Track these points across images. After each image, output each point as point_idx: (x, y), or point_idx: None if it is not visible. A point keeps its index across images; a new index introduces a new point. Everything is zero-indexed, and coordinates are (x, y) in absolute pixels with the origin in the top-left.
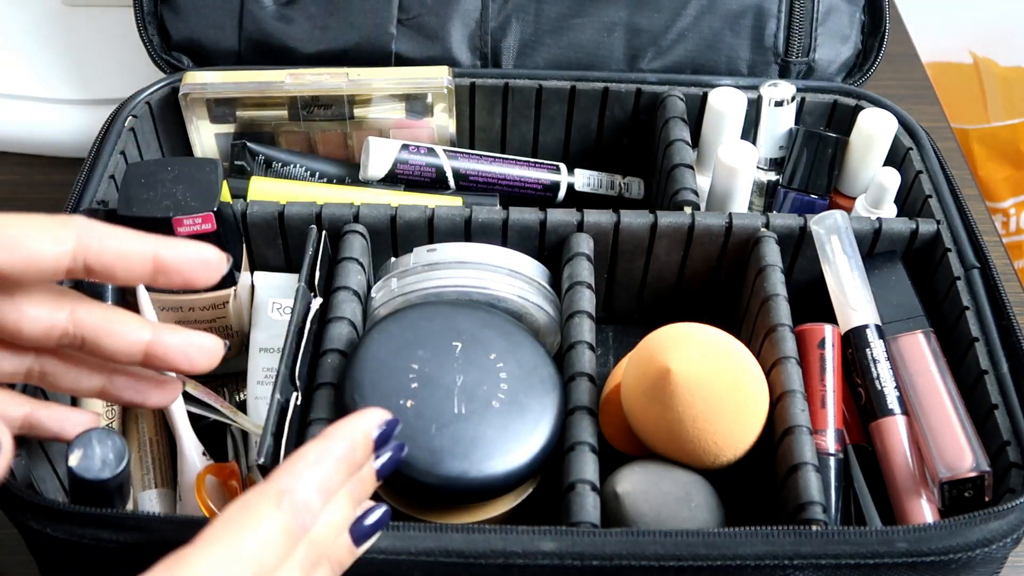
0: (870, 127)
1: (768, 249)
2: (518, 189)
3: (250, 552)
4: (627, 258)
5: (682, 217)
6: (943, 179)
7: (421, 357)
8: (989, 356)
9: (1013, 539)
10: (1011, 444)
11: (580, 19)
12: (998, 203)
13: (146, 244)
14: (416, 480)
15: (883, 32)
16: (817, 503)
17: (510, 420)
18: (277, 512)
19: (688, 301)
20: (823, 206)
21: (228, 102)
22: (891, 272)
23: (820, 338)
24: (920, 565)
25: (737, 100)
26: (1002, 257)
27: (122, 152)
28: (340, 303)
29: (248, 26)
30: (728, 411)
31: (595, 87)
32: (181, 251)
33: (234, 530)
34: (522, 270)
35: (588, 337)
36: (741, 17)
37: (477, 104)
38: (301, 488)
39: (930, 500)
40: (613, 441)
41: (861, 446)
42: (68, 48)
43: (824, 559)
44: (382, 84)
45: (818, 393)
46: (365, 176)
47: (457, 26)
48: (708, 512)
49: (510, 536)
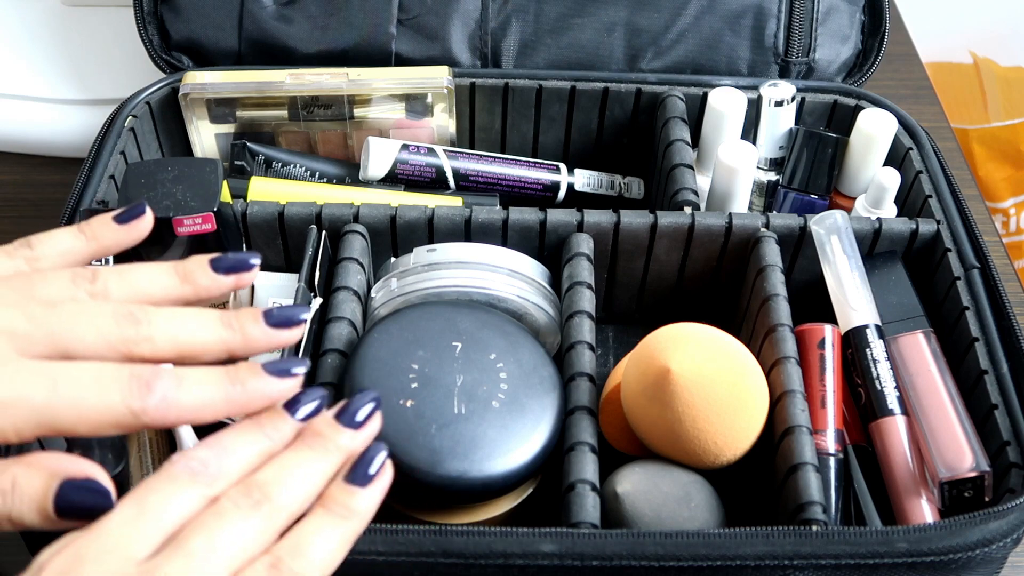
0: (870, 127)
1: (768, 249)
2: (518, 189)
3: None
4: (627, 258)
5: (682, 217)
6: (943, 179)
7: (421, 357)
8: (989, 356)
9: (1013, 539)
10: (1011, 444)
11: (580, 19)
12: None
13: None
14: (416, 480)
15: (883, 32)
16: (817, 503)
17: (510, 420)
18: (174, 468)
19: (688, 301)
20: (823, 206)
21: (228, 102)
22: (891, 272)
23: (820, 338)
24: (920, 565)
25: (737, 100)
26: (1002, 257)
27: (122, 152)
28: (340, 303)
29: (248, 26)
30: (728, 411)
31: (595, 87)
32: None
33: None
34: (522, 270)
35: (588, 337)
36: (741, 17)
37: (477, 104)
38: (198, 451)
39: (930, 500)
40: (613, 441)
41: (861, 446)
42: (68, 48)
43: (824, 559)
44: (382, 84)
45: (818, 393)
46: (365, 176)
47: (457, 26)
48: (708, 512)
49: (510, 537)
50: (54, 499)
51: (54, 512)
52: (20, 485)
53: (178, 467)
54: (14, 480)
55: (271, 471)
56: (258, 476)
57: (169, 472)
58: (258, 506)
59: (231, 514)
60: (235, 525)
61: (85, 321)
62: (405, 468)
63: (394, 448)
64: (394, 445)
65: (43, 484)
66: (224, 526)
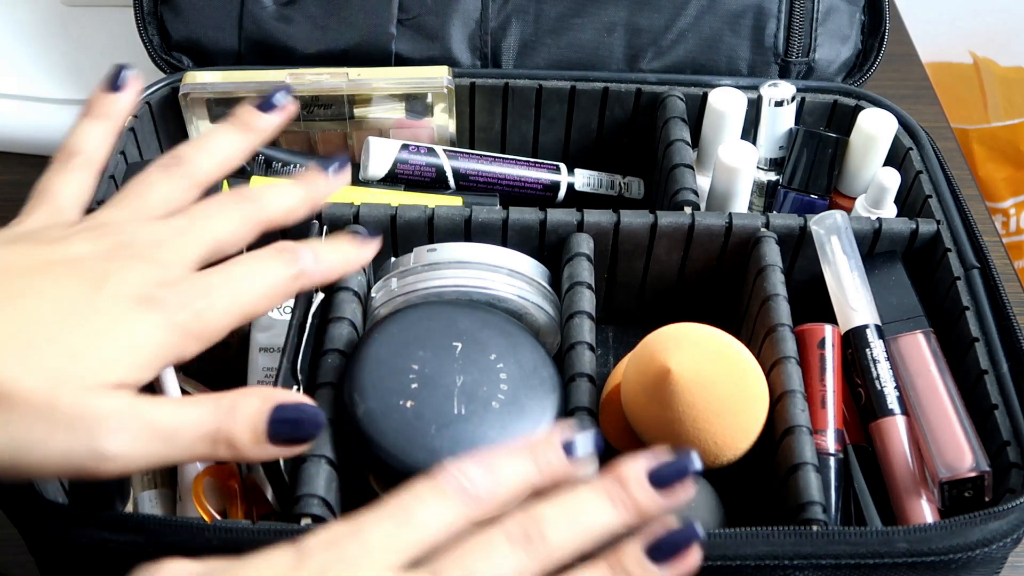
0: (870, 127)
1: (768, 249)
2: (518, 189)
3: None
4: (627, 258)
5: (682, 217)
6: (943, 179)
7: (421, 357)
8: (989, 356)
9: (1013, 539)
10: (1011, 444)
11: (580, 19)
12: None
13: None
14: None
15: (883, 32)
16: (817, 503)
17: (510, 421)
18: (441, 483)
19: (688, 301)
20: (823, 206)
21: (228, 102)
22: (891, 272)
23: (820, 338)
24: (920, 565)
25: (737, 100)
26: (1002, 257)
27: (122, 152)
28: (340, 303)
29: (248, 26)
30: (728, 411)
31: (595, 87)
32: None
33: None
34: (522, 270)
35: (588, 337)
36: (741, 17)
37: (477, 104)
38: (469, 468)
39: (930, 500)
40: (613, 441)
41: (861, 446)
42: (68, 48)
43: (824, 559)
44: (382, 84)
45: (818, 393)
46: (365, 176)
47: (457, 26)
48: (708, 512)
49: None
50: (268, 419)
51: (266, 434)
52: (239, 405)
53: (448, 481)
54: (233, 401)
55: (554, 509)
56: (539, 511)
57: (438, 484)
58: (530, 544)
59: (501, 548)
60: (504, 560)
61: (216, 217)
62: (405, 469)
63: (393, 449)
64: (393, 446)
65: (259, 405)
66: (490, 559)
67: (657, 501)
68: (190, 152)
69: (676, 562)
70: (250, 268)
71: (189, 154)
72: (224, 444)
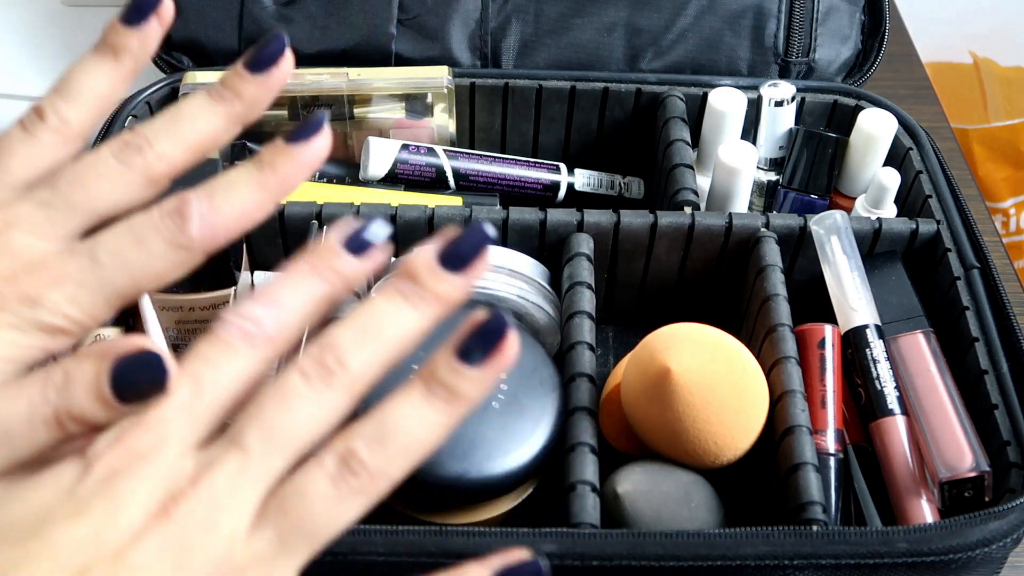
0: (870, 127)
1: (768, 249)
2: (518, 189)
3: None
4: (627, 258)
5: (682, 217)
6: (943, 179)
7: (421, 357)
8: (989, 356)
9: (1013, 539)
10: (1011, 444)
11: (580, 19)
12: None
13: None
14: (416, 480)
15: (883, 32)
16: (817, 503)
17: (510, 421)
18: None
19: (688, 301)
20: (823, 206)
21: None
22: (891, 272)
23: (820, 338)
24: (920, 565)
25: (737, 100)
26: (1002, 257)
27: None
28: (341, 303)
29: (248, 26)
30: (728, 411)
31: (595, 87)
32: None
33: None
34: (522, 270)
35: (588, 337)
36: (741, 17)
37: (477, 104)
38: (250, 309)
39: (930, 500)
40: (613, 441)
41: (861, 446)
42: (68, 48)
43: (824, 559)
44: (382, 84)
45: (818, 393)
46: (365, 176)
47: (457, 26)
48: (708, 512)
49: (510, 537)
50: (109, 380)
51: (113, 396)
52: (72, 375)
53: (231, 330)
54: (66, 372)
55: (348, 331)
56: (332, 338)
57: (221, 338)
58: (332, 377)
59: (299, 390)
60: (305, 403)
61: (95, 178)
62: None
63: None
64: None
65: (95, 368)
66: (289, 407)
67: (458, 285)
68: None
69: (491, 359)
70: (122, 242)
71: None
72: (72, 421)
